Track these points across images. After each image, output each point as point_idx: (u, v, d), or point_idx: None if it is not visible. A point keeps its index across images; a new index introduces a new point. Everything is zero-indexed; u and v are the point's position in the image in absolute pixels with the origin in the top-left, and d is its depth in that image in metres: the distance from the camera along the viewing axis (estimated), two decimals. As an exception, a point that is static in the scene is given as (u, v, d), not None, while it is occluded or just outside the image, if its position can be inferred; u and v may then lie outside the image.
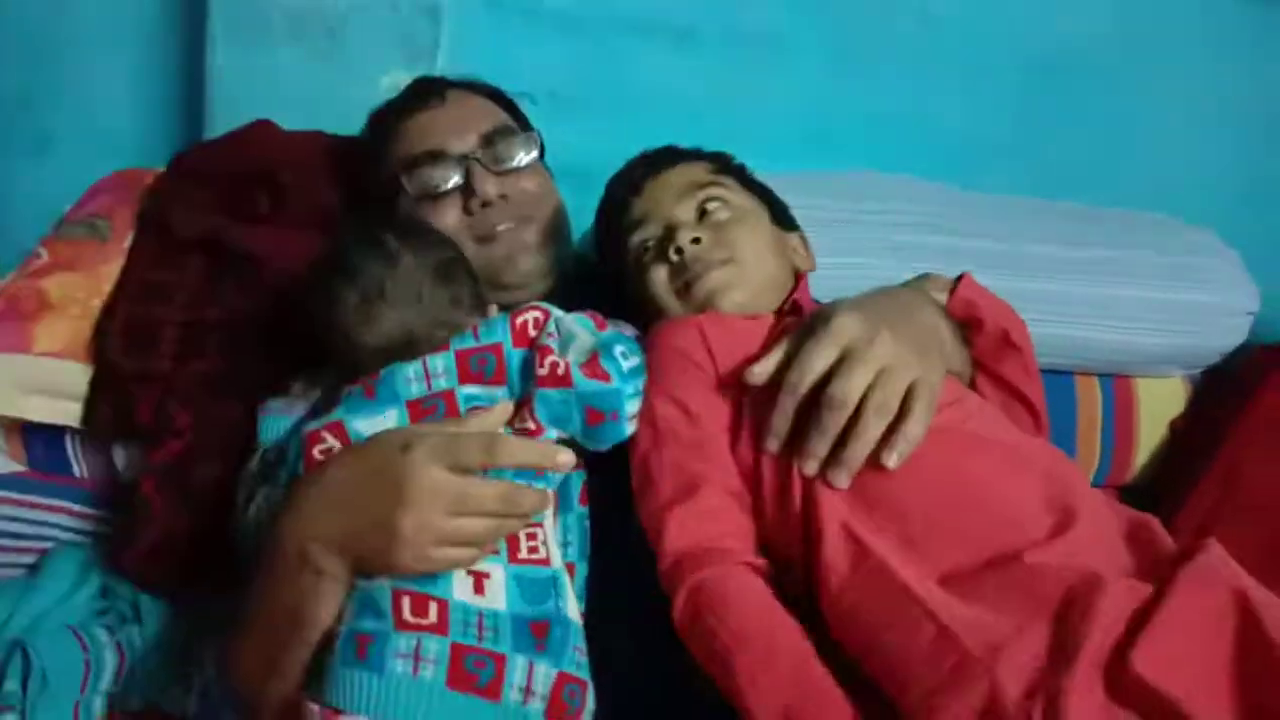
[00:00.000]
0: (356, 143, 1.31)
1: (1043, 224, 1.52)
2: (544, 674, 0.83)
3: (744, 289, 1.01)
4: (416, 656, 0.81)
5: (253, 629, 0.89)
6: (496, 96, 1.27)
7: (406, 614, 0.83)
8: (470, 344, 0.94)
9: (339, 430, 0.92)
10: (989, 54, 1.63)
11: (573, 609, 0.88)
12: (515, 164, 1.16)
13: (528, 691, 0.82)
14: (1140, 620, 0.72)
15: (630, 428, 0.93)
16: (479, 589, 0.85)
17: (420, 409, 0.92)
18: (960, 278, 1.06)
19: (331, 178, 1.32)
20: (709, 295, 1.00)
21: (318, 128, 1.40)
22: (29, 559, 1.21)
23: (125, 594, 1.17)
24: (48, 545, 1.22)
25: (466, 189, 1.13)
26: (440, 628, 0.82)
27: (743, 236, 1.03)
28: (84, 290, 1.23)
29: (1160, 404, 1.47)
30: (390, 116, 1.23)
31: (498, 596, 0.85)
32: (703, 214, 1.05)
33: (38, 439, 1.23)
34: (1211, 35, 1.63)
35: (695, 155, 1.13)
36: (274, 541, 0.87)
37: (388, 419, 0.92)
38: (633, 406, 0.93)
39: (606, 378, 0.91)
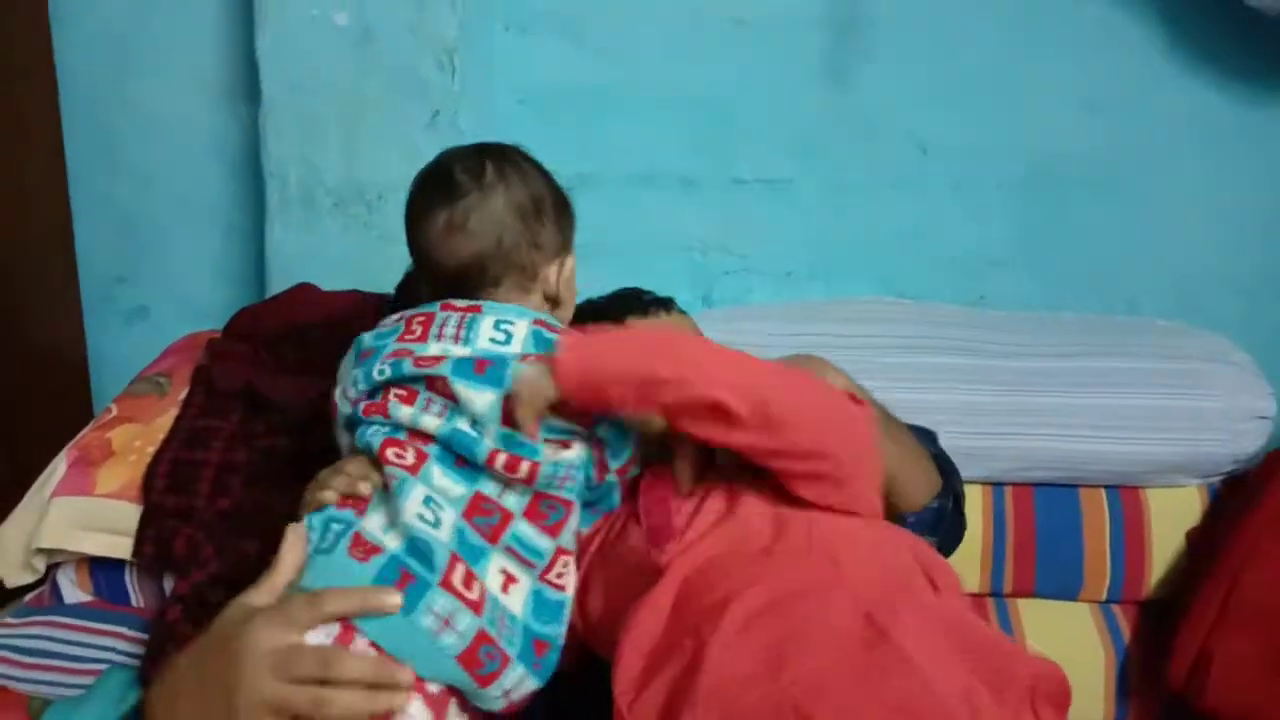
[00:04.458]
0: None
1: (1044, 337, 1.53)
2: (527, 688, 0.88)
3: None
4: (446, 622, 0.83)
5: None
6: None
7: (456, 581, 0.85)
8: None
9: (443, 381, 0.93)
10: (983, 173, 1.67)
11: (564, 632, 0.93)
12: None
13: (507, 695, 0.87)
14: None
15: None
16: (505, 589, 0.88)
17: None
18: None
19: (362, 328, 1.47)
20: None
21: (357, 286, 1.56)
22: (89, 680, 1.34)
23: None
24: (105, 668, 1.36)
25: None
26: (478, 608, 0.85)
27: None
28: (141, 439, 1.40)
29: (1174, 514, 1.42)
30: None
31: (516, 603, 0.89)
32: None
33: (101, 572, 1.37)
34: (1204, 139, 1.62)
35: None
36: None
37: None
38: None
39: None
